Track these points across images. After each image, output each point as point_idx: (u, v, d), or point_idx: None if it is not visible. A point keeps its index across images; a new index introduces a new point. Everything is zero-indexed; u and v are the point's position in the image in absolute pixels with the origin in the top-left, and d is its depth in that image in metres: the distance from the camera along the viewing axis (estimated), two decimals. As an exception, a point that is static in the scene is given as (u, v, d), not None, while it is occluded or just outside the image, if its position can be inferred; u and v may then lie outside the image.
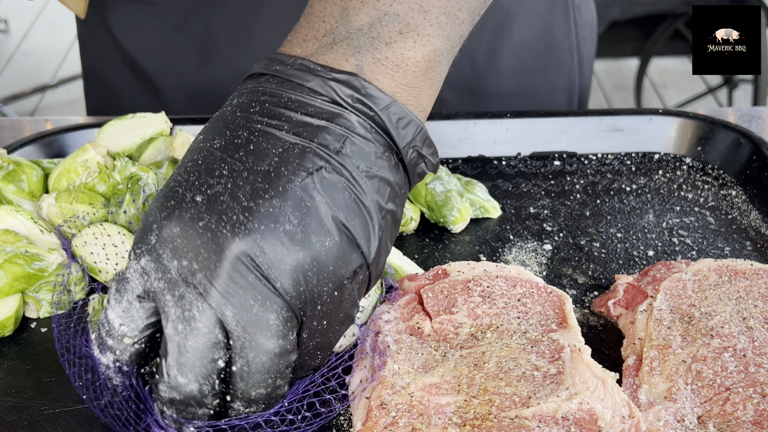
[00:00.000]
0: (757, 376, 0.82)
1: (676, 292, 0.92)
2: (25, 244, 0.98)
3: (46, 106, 4.03)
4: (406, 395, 0.79)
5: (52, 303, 0.96)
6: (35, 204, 1.06)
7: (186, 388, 0.72)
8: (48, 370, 0.91)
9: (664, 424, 0.80)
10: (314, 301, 0.72)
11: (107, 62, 1.43)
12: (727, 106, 3.64)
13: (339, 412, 0.84)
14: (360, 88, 0.75)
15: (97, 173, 1.06)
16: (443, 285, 0.91)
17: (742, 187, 1.18)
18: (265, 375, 0.73)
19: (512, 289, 0.90)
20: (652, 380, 0.84)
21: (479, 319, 0.88)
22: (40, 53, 4.41)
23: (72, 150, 1.16)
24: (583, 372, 0.80)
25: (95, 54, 1.45)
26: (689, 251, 1.07)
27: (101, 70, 1.45)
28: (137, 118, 1.15)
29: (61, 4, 1.28)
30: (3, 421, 0.85)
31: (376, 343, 0.87)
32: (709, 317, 0.88)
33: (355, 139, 0.74)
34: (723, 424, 0.80)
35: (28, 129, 1.32)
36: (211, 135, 0.75)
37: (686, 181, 1.20)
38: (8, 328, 0.94)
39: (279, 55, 0.79)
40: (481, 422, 0.76)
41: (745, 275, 0.93)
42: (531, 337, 0.85)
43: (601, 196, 1.17)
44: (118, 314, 0.75)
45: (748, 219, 1.13)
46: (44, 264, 0.97)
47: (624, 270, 1.05)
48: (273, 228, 0.70)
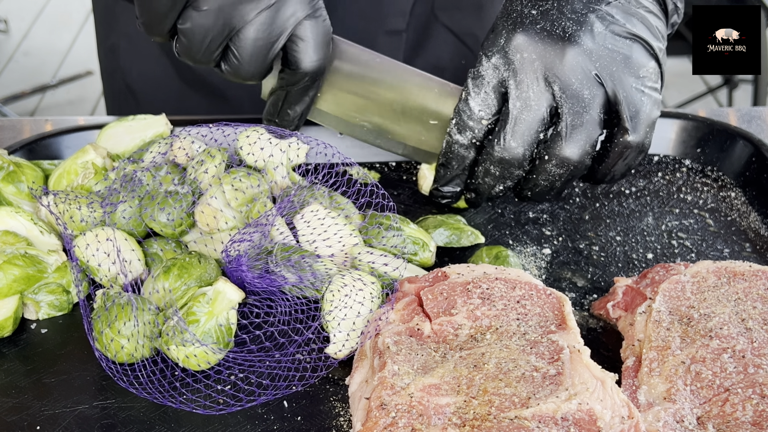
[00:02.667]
0: (756, 376, 0.83)
1: (675, 293, 0.92)
2: (24, 246, 0.98)
3: (46, 106, 4.02)
4: (406, 396, 0.79)
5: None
6: (34, 205, 1.06)
7: (514, 150, 1.00)
8: (48, 371, 0.92)
9: (664, 425, 0.80)
10: (622, 89, 0.98)
11: (153, 71, 1.41)
12: (727, 106, 3.64)
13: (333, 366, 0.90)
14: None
15: (93, 174, 1.06)
16: (443, 287, 0.91)
17: (741, 188, 1.18)
18: (579, 138, 0.98)
19: (511, 291, 0.91)
20: (652, 381, 0.84)
21: (479, 320, 0.88)
22: (40, 53, 4.41)
23: (72, 151, 1.16)
24: (583, 373, 0.80)
25: (136, 64, 1.43)
26: (688, 253, 1.07)
27: (142, 80, 1.43)
28: (138, 120, 1.15)
29: (63, 2, 1.26)
30: (3, 421, 0.86)
31: (376, 344, 0.87)
32: (708, 319, 0.88)
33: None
34: (722, 424, 0.80)
35: (28, 129, 1.32)
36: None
37: (685, 183, 1.20)
38: (7, 329, 0.94)
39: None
40: (481, 423, 0.77)
41: (744, 277, 0.94)
42: (530, 338, 0.85)
43: (600, 200, 1.17)
44: (477, 103, 1.02)
45: (748, 221, 1.13)
46: (44, 265, 0.97)
47: (623, 273, 1.05)
48: (591, 32, 0.97)
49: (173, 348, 0.89)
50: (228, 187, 1.03)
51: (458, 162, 1.05)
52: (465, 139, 1.03)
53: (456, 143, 1.04)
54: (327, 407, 0.88)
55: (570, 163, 1.01)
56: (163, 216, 1.01)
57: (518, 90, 0.99)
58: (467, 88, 1.02)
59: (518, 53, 0.99)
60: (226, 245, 0.97)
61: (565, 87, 0.98)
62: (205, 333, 0.90)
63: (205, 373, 0.90)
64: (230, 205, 1.02)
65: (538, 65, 0.98)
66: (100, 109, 3.99)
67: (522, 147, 1.00)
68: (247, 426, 0.86)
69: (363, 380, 0.85)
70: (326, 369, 0.90)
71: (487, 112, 1.01)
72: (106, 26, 1.46)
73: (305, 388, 0.90)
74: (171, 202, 1.01)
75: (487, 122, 1.02)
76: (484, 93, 1.01)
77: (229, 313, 0.92)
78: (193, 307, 0.90)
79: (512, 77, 0.99)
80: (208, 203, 1.01)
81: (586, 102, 0.98)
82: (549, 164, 1.01)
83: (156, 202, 1.01)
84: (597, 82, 0.98)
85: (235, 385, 0.89)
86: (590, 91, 0.98)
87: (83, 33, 4.55)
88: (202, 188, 1.06)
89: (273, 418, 0.87)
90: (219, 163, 1.06)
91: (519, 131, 1.00)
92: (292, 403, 0.88)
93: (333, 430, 0.86)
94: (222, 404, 0.87)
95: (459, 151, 1.04)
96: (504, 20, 1.02)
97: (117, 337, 0.89)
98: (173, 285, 0.94)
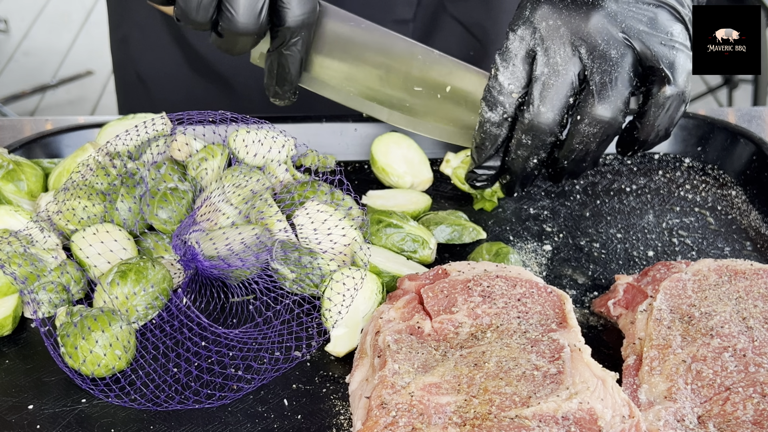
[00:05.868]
0: (757, 375, 0.83)
1: (676, 292, 0.92)
2: (23, 244, 0.98)
3: (46, 106, 4.02)
4: (407, 395, 0.79)
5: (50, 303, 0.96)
6: (34, 203, 1.06)
7: (544, 116, 1.00)
8: (48, 370, 0.91)
9: (664, 424, 0.80)
10: (652, 46, 0.99)
11: (164, 61, 1.42)
12: (727, 106, 3.64)
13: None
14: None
15: (94, 170, 1.06)
16: (443, 285, 0.91)
17: (742, 187, 1.18)
18: (610, 94, 0.99)
19: (512, 288, 0.90)
20: (652, 380, 0.84)
21: (479, 318, 0.88)
22: (40, 53, 4.41)
23: (72, 150, 1.16)
24: (583, 372, 0.80)
25: (147, 54, 1.44)
26: (689, 251, 1.07)
27: (153, 70, 1.44)
28: (138, 119, 1.15)
29: (63, 2, 1.27)
30: (3, 420, 0.85)
31: (377, 342, 0.87)
32: (709, 317, 0.88)
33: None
34: (723, 423, 0.80)
35: (28, 129, 1.32)
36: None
37: (686, 182, 1.20)
38: (6, 328, 0.94)
39: None
40: (481, 422, 0.76)
41: (745, 275, 0.93)
42: (531, 336, 0.85)
43: (601, 197, 1.17)
44: (506, 77, 1.02)
45: (748, 219, 1.12)
46: (43, 264, 0.97)
47: (624, 270, 1.05)
48: (617, 3, 0.99)
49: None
50: (228, 183, 1.03)
51: (491, 141, 1.05)
52: (497, 115, 1.03)
53: (488, 122, 1.04)
54: (327, 406, 0.88)
55: (603, 122, 1.00)
56: (164, 213, 1.01)
57: (546, 56, 1.00)
58: (495, 64, 1.03)
59: (543, 21, 1.00)
60: (178, 231, 0.98)
61: (592, 49, 0.99)
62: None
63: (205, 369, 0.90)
64: (230, 202, 1.02)
65: (564, 31, 0.99)
66: (100, 108, 3.99)
67: (552, 112, 1.00)
68: (247, 424, 0.86)
69: (363, 379, 0.85)
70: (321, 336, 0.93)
71: (517, 85, 1.02)
72: (117, 17, 1.48)
73: (305, 386, 0.90)
74: (171, 199, 1.01)
75: (517, 95, 1.02)
76: (512, 66, 1.02)
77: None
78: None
79: (539, 45, 1.00)
80: (176, 140, 1.04)
81: (614, 61, 0.99)
82: (582, 124, 1.01)
83: (157, 200, 1.01)
84: (625, 43, 0.99)
85: (231, 377, 0.89)
86: (618, 51, 0.99)
87: (83, 33, 4.55)
88: (202, 185, 1.06)
89: (273, 416, 0.87)
90: (219, 160, 1.06)
91: (548, 96, 1.00)
92: (293, 402, 0.88)
93: (333, 428, 0.85)
94: (228, 391, 0.87)
95: (491, 129, 1.04)
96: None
97: (95, 349, 0.88)
98: (131, 291, 0.93)
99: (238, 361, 0.91)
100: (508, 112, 1.03)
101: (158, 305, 0.95)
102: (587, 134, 1.01)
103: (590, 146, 1.02)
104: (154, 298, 0.94)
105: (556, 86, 1.00)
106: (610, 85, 0.99)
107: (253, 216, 1.02)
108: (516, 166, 1.06)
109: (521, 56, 1.01)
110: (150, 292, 0.94)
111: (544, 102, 1.00)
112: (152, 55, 1.44)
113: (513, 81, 1.02)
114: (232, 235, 0.98)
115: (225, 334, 0.94)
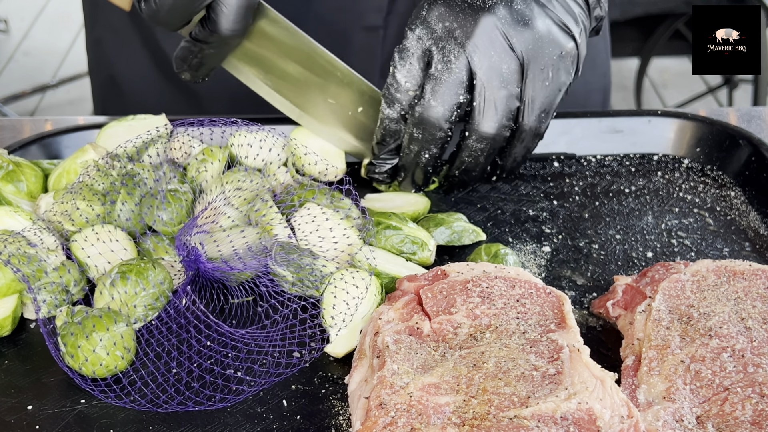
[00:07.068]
0: (756, 376, 0.83)
1: (675, 292, 0.92)
2: (23, 245, 0.98)
3: (46, 106, 4.02)
4: (405, 395, 0.79)
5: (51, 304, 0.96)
6: (33, 204, 1.06)
7: (434, 110, 1.05)
8: (47, 370, 0.92)
9: (663, 424, 0.80)
10: (536, 61, 1.03)
11: (135, 64, 1.42)
12: (727, 106, 3.64)
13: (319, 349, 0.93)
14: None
15: (94, 171, 1.06)
16: (442, 285, 0.91)
17: (741, 188, 1.18)
18: (495, 112, 1.05)
19: (511, 289, 0.91)
20: (651, 380, 0.84)
21: (478, 319, 0.88)
22: (40, 53, 4.41)
23: (72, 151, 1.16)
24: (582, 372, 0.80)
25: (119, 56, 1.44)
26: (688, 252, 1.07)
27: (125, 72, 1.44)
28: (138, 120, 1.15)
29: (63, 2, 1.28)
30: (3, 421, 0.86)
31: (376, 343, 0.87)
32: (707, 317, 0.88)
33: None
34: (722, 424, 0.80)
35: (28, 129, 1.32)
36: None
37: (685, 182, 1.20)
38: (6, 329, 0.94)
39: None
40: (480, 422, 0.77)
41: (744, 276, 0.93)
42: (530, 337, 0.85)
43: (600, 198, 1.17)
44: (403, 74, 1.06)
45: (747, 220, 1.13)
46: (42, 265, 0.97)
47: (623, 271, 1.05)
48: (510, 7, 1.03)
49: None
50: (228, 185, 1.03)
51: (391, 137, 1.09)
52: (394, 112, 1.07)
53: (387, 118, 1.08)
54: (326, 406, 0.88)
55: (488, 137, 1.06)
56: (165, 214, 1.01)
57: (440, 54, 1.04)
58: (394, 62, 1.06)
59: (440, 22, 1.04)
60: (181, 233, 0.98)
61: (483, 57, 1.03)
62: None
63: (208, 369, 0.90)
64: (232, 204, 1.02)
65: (459, 33, 1.03)
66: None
67: (442, 106, 1.04)
68: (246, 425, 0.86)
69: (362, 379, 0.85)
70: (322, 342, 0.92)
71: (413, 82, 1.06)
72: (91, 19, 1.48)
73: (304, 387, 0.90)
74: (172, 201, 1.01)
75: (413, 92, 1.06)
76: (409, 64, 1.05)
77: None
78: None
79: (434, 45, 1.04)
80: (178, 139, 1.06)
81: (504, 77, 1.03)
82: (470, 140, 1.07)
83: (157, 201, 1.01)
84: (512, 54, 1.03)
85: (232, 380, 0.90)
86: (508, 66, 1.03)
87: (83, 33, 4.55)
88: (203, 187, 1.06)
89: (272, 417, 0.87)
90: (219, 162, 1.07)
91: (439, 91, 1.04)
92: (292, 402, 0.88)
93: (332, 429, 0.86)
94: (230, 393, 0.87)
95: (390, 125, 1.08)
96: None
97: (97, 349, 0.88)
98: (132, 291, 0.93)
99: (238, 363, 0.91)
100: (404, 108, 1.07)
101: (158, 306, 0.95)
102: (475, 149, 1.07)
103: (479, 159, 1.09)
104: (155, 299, 0.94)
105: (447, 83, 1.04)
106: (497, 103, 1.04)
107: (253, 217, 1.02)
108: (408, 160, 1.10)
109: (418, 55, 1.05)
110: (150, 293, 0.94)
111: (435, 96, 1.04)
112: (124, 58, 1.44)
113: (409, 79, 1.06)
114: (235, 237, 0.98)
115: (230, 333, 0.94)
